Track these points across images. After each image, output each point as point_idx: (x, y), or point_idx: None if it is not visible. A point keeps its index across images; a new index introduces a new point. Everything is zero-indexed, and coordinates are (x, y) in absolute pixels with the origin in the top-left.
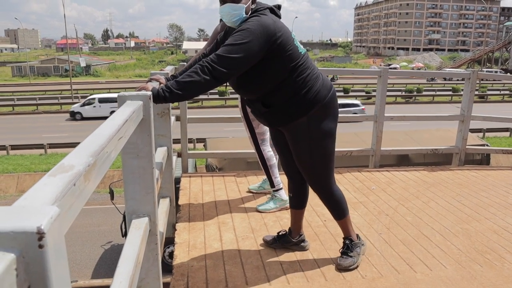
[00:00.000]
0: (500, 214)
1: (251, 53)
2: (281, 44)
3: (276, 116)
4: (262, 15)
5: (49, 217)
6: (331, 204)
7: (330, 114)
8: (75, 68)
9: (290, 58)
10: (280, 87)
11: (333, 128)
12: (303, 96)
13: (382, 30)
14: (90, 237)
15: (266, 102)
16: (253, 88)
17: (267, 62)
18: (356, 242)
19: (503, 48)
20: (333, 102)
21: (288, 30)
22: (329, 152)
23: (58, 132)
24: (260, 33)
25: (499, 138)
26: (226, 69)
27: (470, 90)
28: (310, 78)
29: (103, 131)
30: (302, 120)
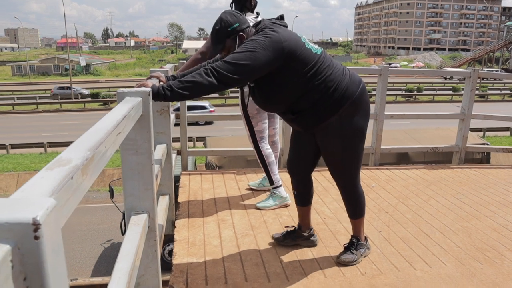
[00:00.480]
0: (500, 212)
1: (257, 62)
2: (290, 51)
3: (307, 120)
4: (266, 28)
5: (45, 209)
6: (352, 203)
7: (362, 110)
8: (75, 67)
9: (304, 62)
10: (305, 93)
11: (364, 126)
12: (331, 95)
13: (383, 29)
14: (90, 235)
15: (295, 109)
16: (280, 102)
17: (283, 74)
18: (362, 243)
19: (504, 48)
20: (363, 97)
21: (296, 36)
22: (360, 151)
23: (58, 131)
24: (266, 45)
25: (500, 137)
26: (230, 73)
27: (470, 88)
28: (334, 75)
29: (101, 126)
30: (334, 119)
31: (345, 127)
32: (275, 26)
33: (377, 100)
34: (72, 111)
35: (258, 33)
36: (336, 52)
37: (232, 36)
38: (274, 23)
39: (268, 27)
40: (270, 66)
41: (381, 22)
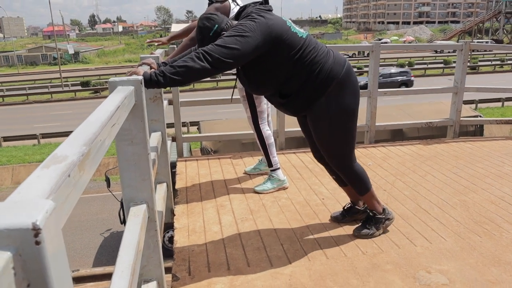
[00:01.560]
0: (496, 184)
1: (248, 46)
2: (277, 35)
3: (296, 103)
4: (252, 13)
5: (44, 212)
6: (353, 181)
7: (349, 89)
8: (64, 55)
9: (290, 47)
10: (292, 76)
11: (352, 103)
12: (315, 77)
13: (372, 4)
14: (89, 225)
15: (283, 93)
16: (267, 85)
17: (269, 58)
18: (379, 216)
19: (493, 18)
20: (349, 76)
21: (282, 20)
22: (349, 130)
23: (50, 121)
24: (254, 29)
25: (492, 109)
26: (223, 57)
27: (462, 61)
28: (319, 58)
29: (95, 119)
30: (321, 100)
31: (332, 107)
32: (260, 11)
33: (370, 78)
34: (63, 101)
35: (244, 18)
36: (326, 30)
37: (216, 38)
38: (259, 8)
39: (254, 12)
40: (259, 50)
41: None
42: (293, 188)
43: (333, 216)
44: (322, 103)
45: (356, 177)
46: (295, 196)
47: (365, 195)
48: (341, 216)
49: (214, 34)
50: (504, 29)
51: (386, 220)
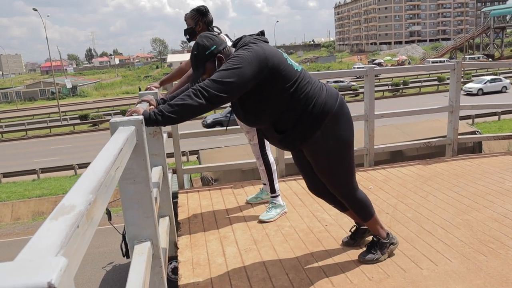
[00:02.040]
0: (498, 201)
1: (244, 78)
2: (274, 66)
3: (293, 138)
4: (250, 43)
5: (59, 270)
6: (357, 209)
7: (343, 122)
8: (62, 90)
9: (286, 79)
10: (286, 110)
11: (348, 136)
12: (310, 111)
13: (363, 26)
14: (90, 259)
15: (278, 127)
16: (262, 117)
17: (266, 89)
18: (383, 241)
19: (483, 33)
20: (342, 109)
21: (279, 52)
22: (348, 160)
23: (49, 156)
24: (251, 58)
25: (489, 123)
26: (220, 92)
27: (456, 80)
28: (313, 92)
29: (100, 164)
30: (317, 134)
31: (329, 140)
32: (257, 41)
33: (366, 101)
34: (62, 135)
35: (241, 48)
36: (319, 53)
37: (211, 59)
38: (256, 38)
39: (251, 42)
40: (256, 79)
41: (361, 20)
42: (296, 215)
43: (345, 242)
44: (318, 137)
45: (359, 204)
46: (298, 224)
47: (369, 221)
48: (352, 240)
49: (209, 55)
50: (494, 44)
51: (391, 244)
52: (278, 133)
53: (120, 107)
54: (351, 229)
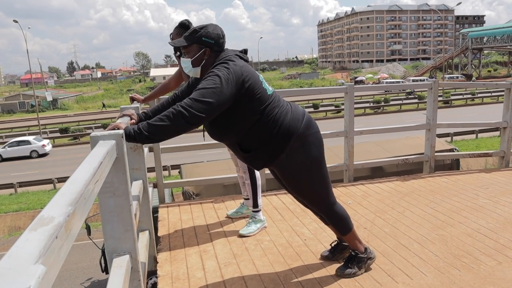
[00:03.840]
0: (472, 217)
1: (223, 97)
2: (249, 87)
3: (258, 159)
4: (229, 61)
5: (37, 277)
6: (335, 222)
7: (309, 142)
8: (42, 102)
9: (259, 101)
10: (253, 130)
11: (317, 155)
12: (276, 134)
13: (346, 44)
14: (68, 275)
15: (243, 146)
16: (226, 133)
17: (238, 107)
18: (361, 256)
19: (461, 54)
20: (308, 129)
21: (256, 73)
22: (319, 177)
23: (27, 169)
24: (229, 78)
25: (467, 141)
26: (200, 112)
27: (433, 99)
28: (280, 115)
29: (79, 177)
30: (282, 157)
31: (296, 162)
32: (237, 59)
33: (346, 118)
34: None
35: (221, 63)
36: (302, 70)
37: (201, 45)
38: (238, 55)
39: (231, 59)
40: (232, 101)
41: (343, 38)
42: (275, 230)
43: (323, 255)
44: (284, 159)
45: (337, 218)
46: (278, 238)
47: (347, 235)
48: (331, 254)
49: (204, 42)
50: (472, 64)
51: (368, 259)
52: (243, 152)
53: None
54: (332, 243)
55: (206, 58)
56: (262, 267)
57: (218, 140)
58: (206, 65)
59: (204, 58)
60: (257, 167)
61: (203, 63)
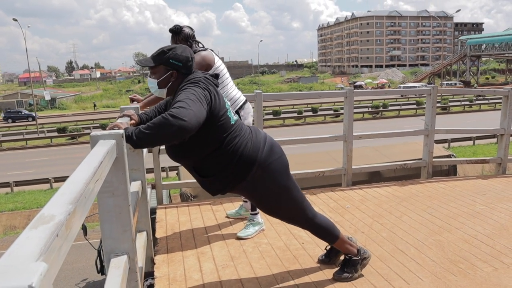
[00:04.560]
0: (469, 223)
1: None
2: (215, 112)
3: (217, 185)
4: (200, 82)
5: (39, 274)
6: (319, 234)
7: (273, 170)
8: (40, 102)
9: (221, 128)
10: (211, 157)
11: (281, 181)
12: (236, 164)
13: (345, 49)
14: (64, 276)
15: (200, 171)
16: (182, 155)
17: (198, 132)
18: (355, 259)
19: (460, 61)
20: (270, 156)
21: (224, 100)
22: (290, 198)
23: (24, 169)
24: (203, 93)
25: (464, 147)
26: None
27: (432, 105)
28: (240, 145)
29: (80, 176)
30: (244, 184)
31: (260, 189)
32: (208, 82)
33: (345, 122)
34: (38, 148)
35: (191, 82)
36: (302, 74)
37: (168, 66)
38: (208, 78)
39: (202, 81)
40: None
41: (343, 42)
42: (273, 233)
43: (320, 259)
44: (246, 186)
45: (320, 229)
46: (275, 241)
47: (336, 242)
48: (327, 258)
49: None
50: (470, 71)
51: (363, 260)
52: (200, 176)
53: (99, 120)
54: (326, 247)
55: (172, 80)
56: (260, 269)
57: (173, 160)
58: (172, 87)
59: (171, 80)
60: (212, 192)
61: (169, 85)
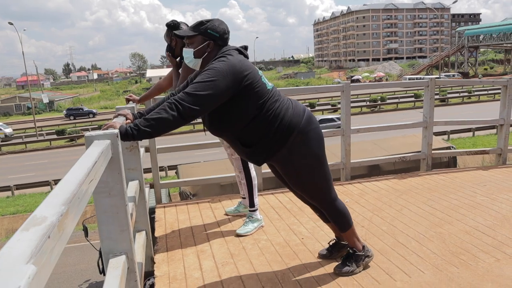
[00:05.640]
0: (470, 214)
1: (218, 91)
2: (248, 82)
3: (258, 154)
4: (228, 55)
5: (27, 277)
6: (335, 218)
7: (311, 138)
8: (38, 105)
9: (258, 95)
10: (253, 125)
11: (317, 151)
12: (277, 128)
13: (342, 43)
14: (66, 277)
15: (243, 141)
16: (225, 127)
17: (237, 101)
18: (359, 254)
19: (458, 52)
20: (309, 124)
21: (255, 68)
22: (321, 173)
23: (24, 172)
24: (226, 72)
25: (463, 139)
26: (193, 105)
27: (430, 97)
28: (281, 109)
29: (73, 176)
30: (283, 151)
31: (296, 157)
32: (237, 54)
33: (342, 116)
34: (38, 150)
35: (220, 57)
36: (299, 69)
37: (205, 37)
38: (238, 49)
39: (230, 54)
40: (229, 92)
41: (339, 37)
42: (273, 229)
43: (321, 254)
44: (285, 154)
45: (338, 213)
46: (275, 237)
47: (346, 232)
48: (328, 253)
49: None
50: (468, 62)
51: (366, 257)
52: (243, 146)
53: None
54: (330, 241)
55: (208, 51)
56: (260, 266)
57: (217, 135)
58: (207, 58)
59: (207, 51)
60: (257, 162)
61: (205, 56)
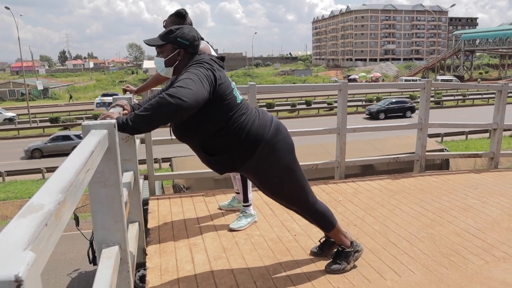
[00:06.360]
0: (461, 216)
1: (203, 90)
2: (221, 91)
3: (222, 164)
4: (205, 63)
5: (26, 264)
6: (316, 220)
7: (278, 148)
8: (32, 91)
9: (227, 107)
10: (219, 136)
11: (287, 161)
12: (243, 141)
13: (340, 42)
14: (55, 266)
15: (207, 150)
16: (189, 135)
17: (205, 110)
18: (348, 250)
19: (454, 55)
20: (277, 135)
21: (229, 80)
22: (293, 180)
23: (16, 158)
24: (206, 74)
25: (457, 142)
26: (185, 98)
27: (425, 99)
28: (247, 122)
29: (70, 165)
30: (251, 163)
31: (266, 167)
32: (213, 63)
33: (339, 115)
34: (31, 137)
35: (196, 63)
36: (296, 67)
37: (175, 45)
38: (214, 60)
39: (207, 62)
40: (208, 97)
41: (338, 36)
42: (266, 225)
43: (313, 252)
44: (253, 166)
45: (319, 216)
46: (268, 233)
47: (331, 231)
48: (320, 251)
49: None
50: (464, 66)
51: (355, 252)
52: (206, 154)
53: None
54: (320, 239)
55: (179, 59)
56: (252, 261)
57: (180, 141)
58: (179, 66)
59: (178, 59)
60: (219, 171)
61: (176, 64)
